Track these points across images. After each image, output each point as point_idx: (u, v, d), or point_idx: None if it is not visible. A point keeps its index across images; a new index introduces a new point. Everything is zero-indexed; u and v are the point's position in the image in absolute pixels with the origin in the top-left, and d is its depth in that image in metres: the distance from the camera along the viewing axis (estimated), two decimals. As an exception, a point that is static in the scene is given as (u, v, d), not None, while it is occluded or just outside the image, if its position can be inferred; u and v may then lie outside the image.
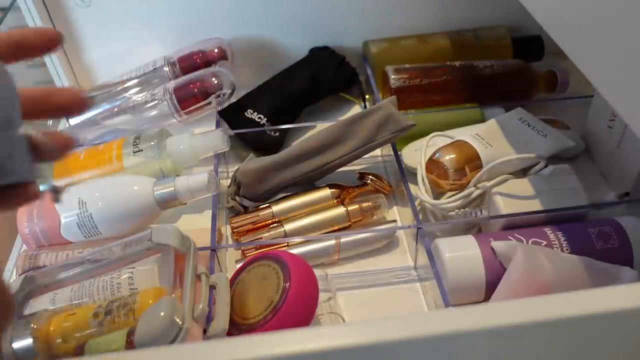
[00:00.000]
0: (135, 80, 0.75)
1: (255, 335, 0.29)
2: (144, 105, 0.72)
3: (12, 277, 0.59)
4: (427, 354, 0.33)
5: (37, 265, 0.58)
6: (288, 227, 0.59)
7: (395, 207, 0.64)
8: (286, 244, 0.58)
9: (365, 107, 0.77)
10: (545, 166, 0.59)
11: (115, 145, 0.65)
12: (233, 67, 0.77)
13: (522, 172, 0.60)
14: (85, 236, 0.59)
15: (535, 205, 0.56)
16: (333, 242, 0.58)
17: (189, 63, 0.76)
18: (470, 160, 0.59)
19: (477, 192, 0.58)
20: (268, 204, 0.61)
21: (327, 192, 0.62)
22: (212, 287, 0.49)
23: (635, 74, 0.31)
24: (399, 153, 0.64)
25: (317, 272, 0.51)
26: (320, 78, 0.75)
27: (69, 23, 0.77)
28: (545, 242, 0.52)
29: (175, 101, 0.71)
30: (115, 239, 0.52)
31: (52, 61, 0.77)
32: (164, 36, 0.79)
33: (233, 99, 0.74)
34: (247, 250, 0.58)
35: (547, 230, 0.53)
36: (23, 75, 0.77)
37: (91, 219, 0.58)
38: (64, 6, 0.75)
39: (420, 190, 0.60)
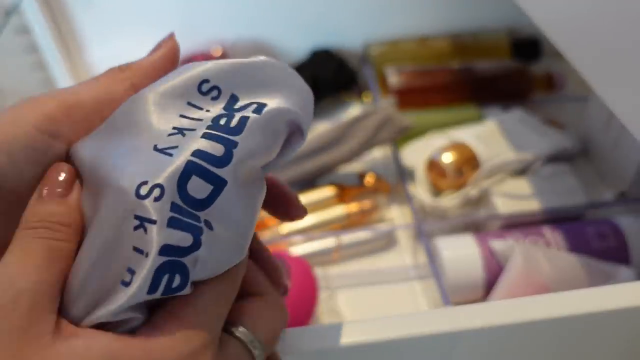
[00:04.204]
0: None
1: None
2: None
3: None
4: (426, 353, 0.34)
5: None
6: (288, 226, 0.60)
7: (394, 207, 0.65)
8: (286, 244, 0.58)
9: (365, 108, 0.77)
10: (543, 166, 0.60)
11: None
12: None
13: (521, 172, 0.61)
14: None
15: (533, 204, 0.57)
16: (333, 241, 0.58)
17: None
18: (469, 160, 0.60)
19: (476, 191, 0.58)
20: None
21: (327, 191, 0.62)
22: None
23: (632, 75, 0.32)
24: (398, 153, 0.65)
25: (317, 271, 0.52)
26: (320, 80, 0.75)
27: (71, 24, 0.77)
28: (543, 242, 0.52)
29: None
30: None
31: (54, 62, 0.78)
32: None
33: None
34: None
35: (545, 229, 0.54)
36: (24, 77, 0.78)
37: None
38: (67, 7, 0.76)
39: (420, 190, 0.61)
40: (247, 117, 0.24)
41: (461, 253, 0.52)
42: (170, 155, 0.23)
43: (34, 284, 0.21)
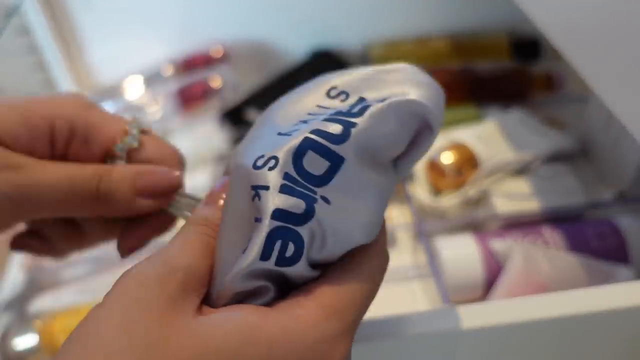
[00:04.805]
0: (137, 82, 0.75)
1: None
2: (145, 106, 0.72)
3: (17, 275, 0.59)
4: (426, 352, 0.34)
5: (41, 263, 0.59)
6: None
7: (394, 207, 0.65)
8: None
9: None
10: (543, 166, 0.60)
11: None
12: (235, 68, 0.78)
13: (520, 172, 0.61)
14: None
15: (533, 204, 0.57)
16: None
17: (191, 64, 0.76)
18: (469, 160, 0.60)
19: (475, 191, 0.59)
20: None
21: (327, 191, 0.62)
22: None
23: (632, 75, 0.32)
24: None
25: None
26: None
27: (71, 24, 0.77)
28: (542, 241, 0.53)
29: (177, 102, 0.72)
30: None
31: (55, 63, 0.78)
32: (165, 37, 0.79)
33: (234, 100, 0.74)
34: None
35: (545, 229, 0.54)
36: (25, 77, 0.78)
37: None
38: (67, 8, 0.76)
39: (419, 190, 0.61)
40: (370, 105, 0.24)
41: (461, 253, 0.53)
42: (290, 135, 0.23)
43: (189, 265, 0.23)
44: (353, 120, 0.23)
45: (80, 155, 0.28)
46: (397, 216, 0.63)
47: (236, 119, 0.73)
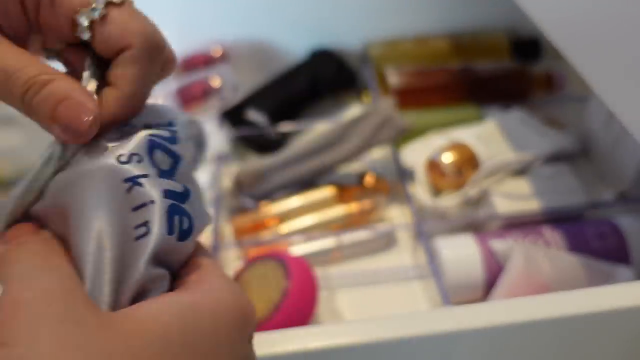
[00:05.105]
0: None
1: (256, 334, 0.30)
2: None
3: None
4: (426, 352, 0.34)
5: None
6: (288, 226, 0.60)
7: (394, 207, 0.65)
8: (286, 244, 0.58)
9: (364, 108, 0.77)
10: (543, 166, 0.60)
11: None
12: (234, 67, 0.78)
13: (520, 172, 0.61)
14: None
15: (533, 204, 0.57)
16: (333, 241, 0.58)
17: (191, 64, 0.76)
18: (469, 160, 0.60)
19: (475, 191, 0.58)
20: (268, 204, 0.62)
21: (327, 191, 0.62)
22: None
23: (632, 75, 0.32)
24: (398, 153, 0.65)
25: (317, 271, 0.52)
26: (320, 80, 0.75)
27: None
28: (542, 241, 0.53)
29: (177, 102, 0.72)
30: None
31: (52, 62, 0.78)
32: (165, 37, 0.79)
33: (234, 100, 0.74)
34: (247, 249, 0.59)
35: (545, 229, 0.54)
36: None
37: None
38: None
39: (419, 190, 0.61)
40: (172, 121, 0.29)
41: (461, 253, 0.52)
42: (128, 139, 0.25)
43: (74, 275, 0.23)
44: (172, 128, 0.27)
45: (49, 21, 0.27)
46: (397, 216, 0.63)
47: (236, 118, 0.73)
